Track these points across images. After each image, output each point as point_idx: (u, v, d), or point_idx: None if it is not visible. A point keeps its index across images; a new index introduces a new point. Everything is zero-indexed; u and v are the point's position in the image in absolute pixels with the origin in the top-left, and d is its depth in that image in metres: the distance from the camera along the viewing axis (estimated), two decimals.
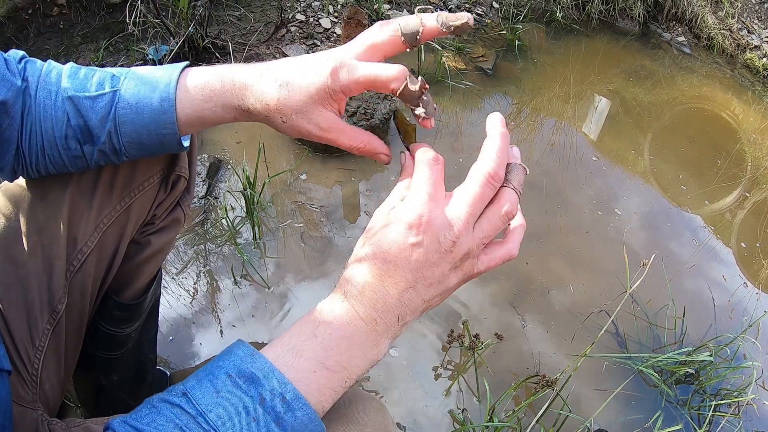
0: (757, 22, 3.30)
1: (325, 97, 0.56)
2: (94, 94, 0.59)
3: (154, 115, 0.60)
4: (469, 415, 1.32)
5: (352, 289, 0.51)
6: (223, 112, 0.60)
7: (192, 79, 0.60)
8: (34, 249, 0.66)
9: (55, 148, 0.61)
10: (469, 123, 2.28)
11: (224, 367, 0.48)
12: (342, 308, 0.50)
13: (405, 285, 0.50)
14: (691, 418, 1.41)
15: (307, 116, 0.56)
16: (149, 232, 0.81)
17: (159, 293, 1.00)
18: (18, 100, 0.58)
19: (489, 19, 2.93)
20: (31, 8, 2.05)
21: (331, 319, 0.50)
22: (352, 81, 0.55)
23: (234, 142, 1.93)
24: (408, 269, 0.50)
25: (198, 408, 0.46)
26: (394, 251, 0.50)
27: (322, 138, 0.58)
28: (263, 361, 0.48)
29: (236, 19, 2.43)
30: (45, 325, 0.69)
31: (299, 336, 0.50)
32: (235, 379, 0.47)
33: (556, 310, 1.61)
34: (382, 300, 0.50)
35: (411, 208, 0.50)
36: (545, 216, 1.91)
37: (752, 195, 2.26)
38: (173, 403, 0.46)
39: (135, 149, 0.63)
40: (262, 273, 1.52)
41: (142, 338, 1.00)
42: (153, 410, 0.46)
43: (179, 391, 0.47)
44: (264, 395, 0.47)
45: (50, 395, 0.73)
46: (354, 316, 0.50)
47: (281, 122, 0.57)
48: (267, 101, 0.56)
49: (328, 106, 0.57)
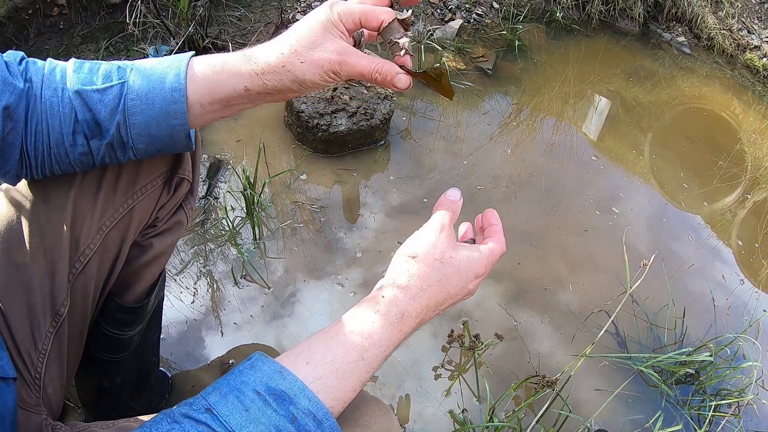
0: (757, 23, 3.30)
1: (329, 26, 0.59)
2: (102, 87, 0.59)
3: (165, 105, 0.59)
4: (469, 415, 1.33)
5: (408, 314, 0.54)
6: (234, 82, 0.60)
7: (201, 60, 0.62)
8: (37, 252, 0.66)
9: (61, 146, 0.60)
10: (469, 124, 2.28)
11: (250, 383, 0.47)
12: (395, 334, 0.53)
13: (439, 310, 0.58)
14: (691, 418, 1.41)
15: (322, 46, 0.58)
16: (151, 234, 0.80)
17: (162, 296, 1.00)
18: (21, 102, 0.58)
19: (489, 19, 2.93)
20: (31, 8, 2.05)
21: (381, 342, 0.52)
22: (347, 11, 0.59)
23: (234, 141, 1.93)
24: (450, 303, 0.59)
25: (227, 426, 0.44)
26: (454, 292, 0.57)
27: (344, 64, 0.59)
28: (293, 379, 0.48)
29: (236, 19, 2.43)
30: (48, 328, 0.69)
31: (345, 358, 0.50)
32: (264, 397, 0.46)
33: (556, 310, 1.61)
34: (423, 321, 0.57)
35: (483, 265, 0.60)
36: (545, 216, 1.91)
37: (752, 195, 2.26)
38: (198, 419, 0.44)
39: (143, 142, 0.62)
40: (262, 273, 1.52)
41: (146, 341, 1.00)
42: (175, 425, 0.44)
43: (202, 406, 0.45)
44: (295, 414, 0.46)
45: (53, 398, 0.73)
46: (401, 339, 0.54)
47: (300, 63, 0.58)
48: (281, 50, 0.59)
49: (336, 34, 0.59)
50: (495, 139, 2.22)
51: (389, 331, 0.52)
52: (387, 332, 0.52)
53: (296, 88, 0.60)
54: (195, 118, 0.62)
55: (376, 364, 0.51)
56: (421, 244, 0.56)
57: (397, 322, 0.52)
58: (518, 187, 2.01)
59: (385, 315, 0.52)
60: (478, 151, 2.12)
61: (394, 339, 0.52)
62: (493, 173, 2.02)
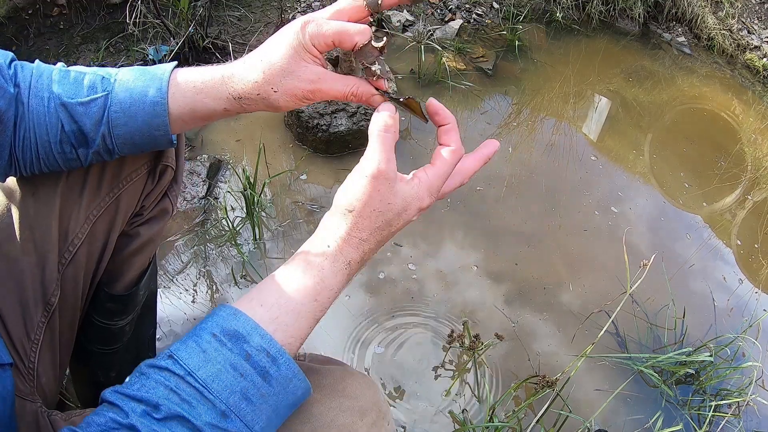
0: (757, 23, 3.30)
1: (301, 51, 0.58)
2: (86, 100, 0.60)
3: (147, 118, 0.61)
4: (469, 415, 1.33)
5: (354, 260, 0.56)
6: (214, 104, 0.61)
7: (182, 76, 0.62)
8: (27, 244, 0.67)
9: (50, 153, 0.62)
10: (469, 124, 2.28)
11: (207, 327, 0.50)
12: (343, 278, 0.56)
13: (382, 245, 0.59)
14: (691, 419, 1.41)
15: (294, 74, 0.58)
16: (138, 223, 0.82)
17: (155, 288, 1.00)
18: (11, 107, 0.59)
19: (489, 20, 2.93)
20: (32, 9, 2.05)
21: (333, 286, 0.55)
22: (320, 33, 0.57)
23: (234, 141, 1.93)
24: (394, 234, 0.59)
25: (186, 368, 0.47)
26: (396, 229, 0.57)
27: (318, 91, 0.60)
28: (246, 319, 0.50)
29: (236, 20, 2.43)
30: (39, 318, 0.70)
31: (300, 300, 0.53)
32: (219, 338, 0.49)
33: (556, 310, 1.61)
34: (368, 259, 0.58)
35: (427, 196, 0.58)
36: (545, 216, 1.91)
37: (752, 195, 2.26)
38: (160, 366, 0.47)
39: (128, 149, 0.65)
40: (262, 273, 1.52)
41: (141, 336, 1.01)
42: (141, 377, 0.47)
43: (165, 354, 0.48)
44: (249, 351, 0.49)
45: (47, 388, 0.74)
46: (349, 279, 0.57)
47: (273, 92, 0.59)
48: (254, 78, 0.59)
49: (309, 60, 0.59)
50: (495, 138, 2.21)
51: (339, 276, 0.55)
52: (337, 277, 0.55)
53: (272, 110, 0.62)
54: (176, 128, 0.64)
55: (328, 303, 0.55)
56: (357, 197, 0.55)
57: (345, 268, 0.56)
58: (518, 187, 2.01)
59: (333, 263, 0.55)
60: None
61: (343, 281, 0.56)
62: (492, 173, 2.02)
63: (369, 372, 1.37)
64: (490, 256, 1.73)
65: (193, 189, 1.71)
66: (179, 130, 0.65)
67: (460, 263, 1.68)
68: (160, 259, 1.55)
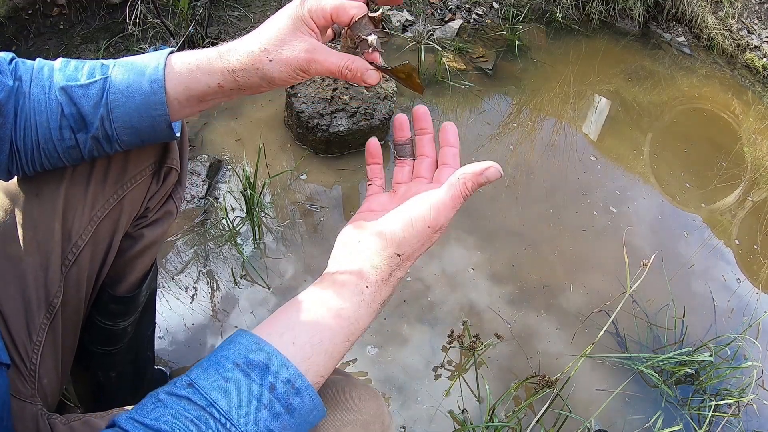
0: (757, 23, 3.30)
1: (299, 23, 0.59)
2: (86, 82, 0.61)
3: (145, 97, 0.61)
4: (469, 415, 1.33)
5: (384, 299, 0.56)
6: (207, 79, 0.61)
7: (178, 57, 0.62)
8: (30, 245, 0.67)
9: (50, 141, 0.62)
10: (469, 124, 2.28)
11: (229, 356, 0.48)
12: (374, 316, 0.56)
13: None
14: (691, 419, 1.41)
15: (291, 44, 0.59)
16: (142, 225, 0.82)
17: (155, 288, 1.01)
18: (11, 99, 0.60)
19: (489, 20, 2.94)
20: (31, 8, 2.05)
21: (364, 326, 0.55)
22: (319, 6, 0.58)
23: (234, 141, 1.93)
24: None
25: (208, 398, 0.45)
26: (418, 254, 0.57)
27: (313, 62, 0.60)
28: (270, 350, 0.49)
29: (236, 19, 2.43)
30: (42, 319, 0.70)
31: (333, 340, 0.52)
32: (243, 368, 0.47)
33: (556, 310, 1.61)
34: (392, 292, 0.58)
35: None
36: (545, 216, 1.91)
37: (752, 195, 2.26)
38: (180, 395, 0.46)
39: (127, 134, 0.64)
40: (262, 273, 1.52)
41: (140, 335, 1.01)
42: (159, 404, 0.46)
43: (184, 382, 0.47)
44: (274, 383, 0.47)
45: (48, 390, 0.74)
46: (374, 315, 0.56)
47: (269, 62, 0.59)
48: (250, 48, 0.59)
49: (306, 32, 0.59)
50: (495, 139, 2.22)
51: (372, 316, 0.56)
52: (370, 318, 0.56)
53: (266, 84, 0.61)
54: (173, 113, 0.64)
55: (356, 340, 0.55)
56: (412, 245, 0.56)
57: (379, 308, 0.56)
58: (518, 187, 2.01)
59: (370, 304, 0.55)
60: (477, 151, 2.12)
61: (372, 319, 0.56)
62: None
63: (368, 373, 1.38)
64: (489, 256, 1.73)
65: (193, 189, 1.71)
66: (177, 116, 0.64)
67: (460, 263, 1.69)
68: (160, 258, 1.55)
